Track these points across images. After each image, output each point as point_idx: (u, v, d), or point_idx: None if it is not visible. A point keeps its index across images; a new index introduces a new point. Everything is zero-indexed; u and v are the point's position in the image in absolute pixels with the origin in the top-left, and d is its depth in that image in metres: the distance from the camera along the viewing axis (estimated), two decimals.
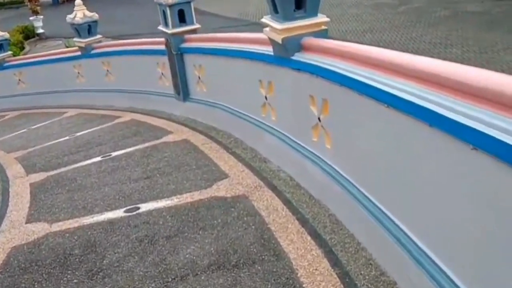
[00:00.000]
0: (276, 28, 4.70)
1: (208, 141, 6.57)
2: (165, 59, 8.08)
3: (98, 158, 6.69)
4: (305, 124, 4.80)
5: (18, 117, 11.40)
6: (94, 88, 10.69)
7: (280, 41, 4.68)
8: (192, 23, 7.60)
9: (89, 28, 10.27)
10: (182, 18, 7.53)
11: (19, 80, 12.18)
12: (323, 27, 4.79)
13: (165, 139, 7.04)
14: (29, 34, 22.09)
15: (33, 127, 10.00)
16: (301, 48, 4.72)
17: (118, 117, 9.12)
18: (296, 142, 5.19)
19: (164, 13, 7.56)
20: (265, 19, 4.94)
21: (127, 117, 8.96)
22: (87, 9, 10.28)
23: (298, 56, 4.72)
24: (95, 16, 10.28)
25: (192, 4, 7.52)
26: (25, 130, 9.85)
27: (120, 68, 9.87)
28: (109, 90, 10.32)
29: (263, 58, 5.43)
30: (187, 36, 7.56)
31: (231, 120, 6.62)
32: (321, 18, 4.76)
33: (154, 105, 9.03)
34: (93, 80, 10.64)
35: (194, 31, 7.62)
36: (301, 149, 5.05)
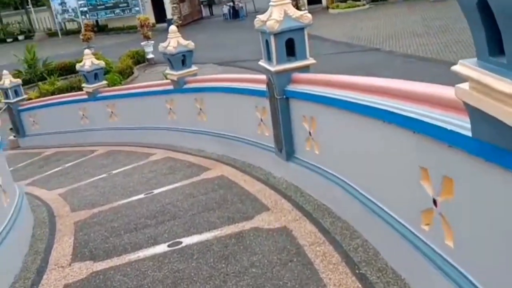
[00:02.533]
0: None
1: (321, 239, 4.19)
2: (266, 102, 5.93)
3: (164, 247, 4.63)
4: None
5: (105, 155, 9.94)
6: (185, 127, 8.88)
7: None
8: (305, 58, 5.37)
9: (183, 59, 8.49)
10: (291, 50, 5.34)
11: (112, 112, 10.82)
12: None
13: (258, 221, 4.82)
14: (139, 59, 21.44)
15: (114, 171, 8.38)
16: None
17: (207, 169, 7.13)
18: None
19: (267, 43, 5.44)
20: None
21: (217, 170, 6.94)
22: (194, 34, 8.56)
23: None
24: (191, 45, 8.47)
25: (305, 32, 5.31)
26: (104, 175, 8.25)
27: (213, 107, 7.93)
28: (200, 132, 8.42)
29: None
30: (295, 75, 5.35)
31: (356, 208, 4.23)
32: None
33: (250, 158, 6.93)
34: (185, 118, 8.83)
35: (306, 68, 5.39)
36: None
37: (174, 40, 8.36)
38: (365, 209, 4.03)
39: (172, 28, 8.48)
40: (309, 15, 5.29)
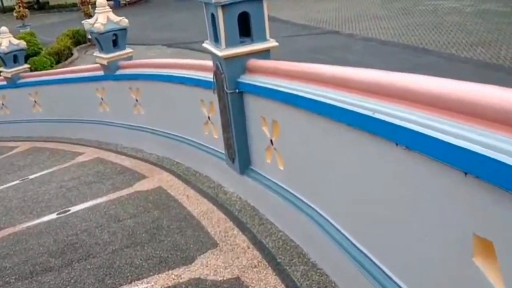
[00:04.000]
0: None
1: None
2: (214, 96, 4.48)
3: None
4: None
5: (25, 154, 8.20)
6: (119, 122, 7.31)
7: None
8: (264, 39, 3.93)
9: (115, 39, 6.87)
10: (245, 29, 3.91)
11: (35, 102, 9.04)
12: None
13: (200, 267, 3.40)
14: (80, 39, 19.25)
15: (31, 176, 6.73)
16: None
17: (142, 177, 5.64)
18: None
19: (213, 18, 3.98)
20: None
21: (154, 179, 5.47)
22: (142, 13, 6.93)
23: None
24: (124, 22, 6.85)
25: (265, 4, 3.87)
26: (17, 182, 6.60)
27: (152, 98, 6.40)
28: (137, 128, 6.88)
29: None
30: (251, 62, 3.92)
31: (341, 257, 2.87)
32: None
33: (196, 163, 5.49)
34: (119, 111, 7.25)
35: (266, 53, 3.96)
36: None
37: (103, 16, 6.73)
38: (353, 263, 2.70)
39: (101, 1, 6.82)
40: None
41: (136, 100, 6.76)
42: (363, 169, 2.58)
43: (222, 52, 3.87)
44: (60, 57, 16.20)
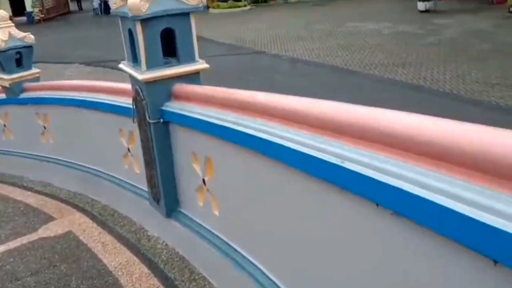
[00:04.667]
0: None
1: None
2: (134, 126, 3.77)
3: None
4: None
5: None
6: (25, 151, 6.31)
7: None
8: (192, 59, 3.31)
9: (19, 58, 5.94)
10: (170, 47, 3.28)
11: None
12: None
13: None
14: None
15: None
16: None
17: (50, 219, 4.76)
18: None
19: (130, 35, 3.31)
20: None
21: (64, 221, 4.61)
22: (59, 30, 6.04)
23: None
24: (29, 38, 5.94)
25: (192, 20, 3.25)
26: None
27: (63, 125, 5.52)
28: (45, 158, 5.94)
29: None
30: (178, 87, 3.28)
31: None
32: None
33: (115, 201, 4.71)
34: (24, 139, 6.26)
35: (195, 76, 3.33)
36: None
37: (3, 31, 5.78)
38: None
39: (1, 14, 5.87)
40: None
41: (44, 127, 5.85)
42: (316, 222, 2.04)
43: (143, 75, 3.20)
44: None
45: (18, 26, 22.06)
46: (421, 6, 19.28)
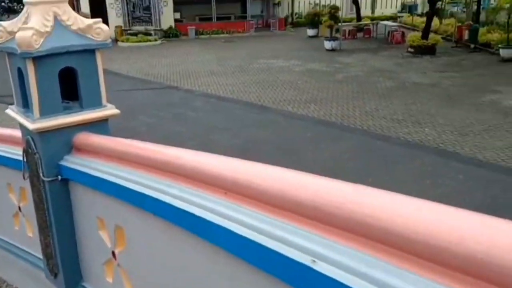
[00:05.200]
0: None
1: None
2: (25, 183, 3.09)
3: None
4: None
5: None
6: None
7: None
8: (98, 104, 2.77)
9: None
10: (71, 89, 2.72)
11: None
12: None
13: None
14: None
15: None
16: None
17: None
18: None
19: (21, 76, 2.70)
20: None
21: None
22: None
23: None
24: None
25: (98, 57, 2.73)
26: None
27: None
28: None
29: None
30: (80, 137, 2.71)
31: None
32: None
33: (3, 270, 3.89)
34: None
35: (102, 123, 2.79)
36: None
37: None
38: None
39: None
40: (105, 27, 2.76)
41: None
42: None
43: (35, 123, 2.59)
44: None
45: None
46: (327, 45, 20.04)
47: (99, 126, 2.80)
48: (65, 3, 2.69)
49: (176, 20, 27.14)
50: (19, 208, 3.51)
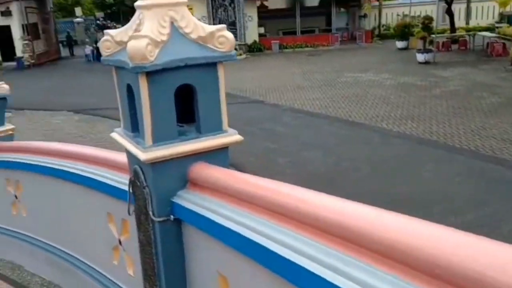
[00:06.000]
0: None
1: None
2: (130, 219, 2.64)
3: None
4: None
5: None
6: None
7: None
8: (219, 128, 2.27)
9: None
10: (187, 111, 2.24)
11: None
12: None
13: None
14: None
15: None
16: None
17: None
18: None
19: (130, 94, 2.25)
20: None
21: None
22: (49, 76, 5.10)
23: None
24: (3, 88, 4.88)
25: (221, 69, 2.22)
26: None
27: (38, 197, 4.37)
28: (16, 235, 4.75)
29: None
30: (198, 168, 2.20)
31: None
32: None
33: None
34: None
35: (222, 153, 2.27)
36: None
37: None
38: None
39: None
40: (230, 36, 2.23)
41: (16, 197, 4.69)
42: None
43: (146, 153, 2.11)
44: None
45: (8, 71, 21.11)
46: (420, 57, 18.77)
47: (219, 155, 2.27)
48: (183, 7, 2.21)
49: (260, 35, 27.02)
50: (120, 242, 3.09)
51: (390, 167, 8.75)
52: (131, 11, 2.51)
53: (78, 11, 39.40)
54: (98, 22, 39.58)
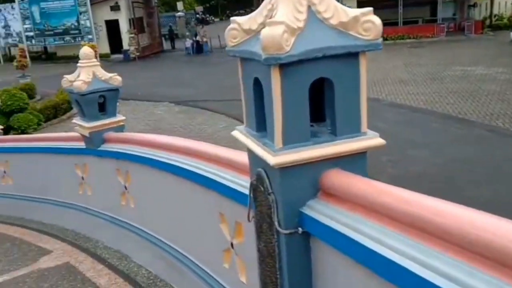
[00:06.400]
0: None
1: None
2: (241, 215, 2.42)
3: None
4: None
5: None
6: (102, 211, 5.26)
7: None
8: (356, 130, 1.95)
9: (103, 102, 4.95)
10: (317, 107, 1.94)
11: (4, 172, 7.04)
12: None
13: None
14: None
15: None
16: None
17: None
18: None
19: (258, 88, 2.01)
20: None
21: None
22: (152, 68, 5.21)
23: None
24: (116, 80, 4.94)
25: (362, 60, 1.91)
26: None
27: (147, 188, 4.36)
28: (125, 225, 4.81)
29: None
30: (330, 177, 1.90)
31: None
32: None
33: None
34: (103, 196, 5.22)
35: (360, 156, 1.96)
36: None
37: (87, 71, 4.82)
38: None
39: (85, 51, 4.93)
40: (378, 21, 1.89)
41: (125, 187, 4.74)
42: None
43: (276, 156, 1.84)
44: (57, 112, 14.38)
45: (115, 63, 22.34)
46: None
47: (356, 161, 1.94)
48: None
49: None
50: (232, 245, 2.89)
51: (510, 171, 7.84)
52: (229, 5, 2.27)
53: (179, 5, 40.88)
54: (197, 16, 40.81)
